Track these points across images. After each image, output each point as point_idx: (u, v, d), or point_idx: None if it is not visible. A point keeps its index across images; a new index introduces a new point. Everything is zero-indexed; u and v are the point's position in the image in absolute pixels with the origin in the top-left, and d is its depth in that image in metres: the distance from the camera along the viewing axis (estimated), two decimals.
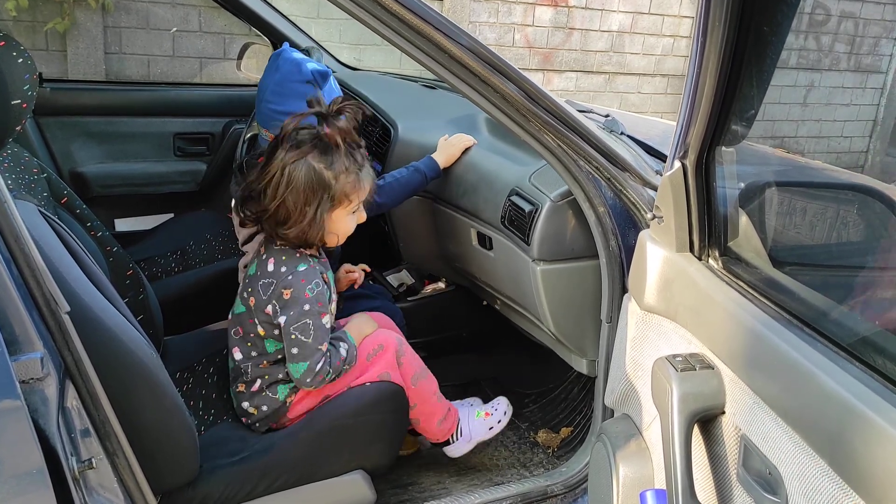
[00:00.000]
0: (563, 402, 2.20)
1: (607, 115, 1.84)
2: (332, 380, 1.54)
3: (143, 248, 2.37)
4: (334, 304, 1.64)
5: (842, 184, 1.74)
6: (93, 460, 0.94)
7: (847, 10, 5.73)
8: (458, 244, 2.08)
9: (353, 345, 1.59)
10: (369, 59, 4.51)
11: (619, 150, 1.52)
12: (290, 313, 1.49)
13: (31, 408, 0.86)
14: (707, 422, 1.18)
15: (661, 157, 1.67)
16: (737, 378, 1.10)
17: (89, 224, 1.76)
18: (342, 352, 1.55)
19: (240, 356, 1.59)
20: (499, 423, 1.84)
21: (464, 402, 1.93)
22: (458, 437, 1.80)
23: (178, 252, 2.36)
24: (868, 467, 0.84)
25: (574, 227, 1.67)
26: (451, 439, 1.79)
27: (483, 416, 1.83)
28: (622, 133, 1.75)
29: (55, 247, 1.21)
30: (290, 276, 1.50)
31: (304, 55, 1.93)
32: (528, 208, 1.69)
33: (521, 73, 1.41)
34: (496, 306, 2.20)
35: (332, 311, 1.62)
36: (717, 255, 1.27)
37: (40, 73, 2.24)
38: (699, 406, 1.13)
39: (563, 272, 1.70)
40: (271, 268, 1.53)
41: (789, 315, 1.07)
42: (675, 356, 1.18)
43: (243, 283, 1.61)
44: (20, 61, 1.26)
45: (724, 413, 1.14)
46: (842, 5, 5.65)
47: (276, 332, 1.54)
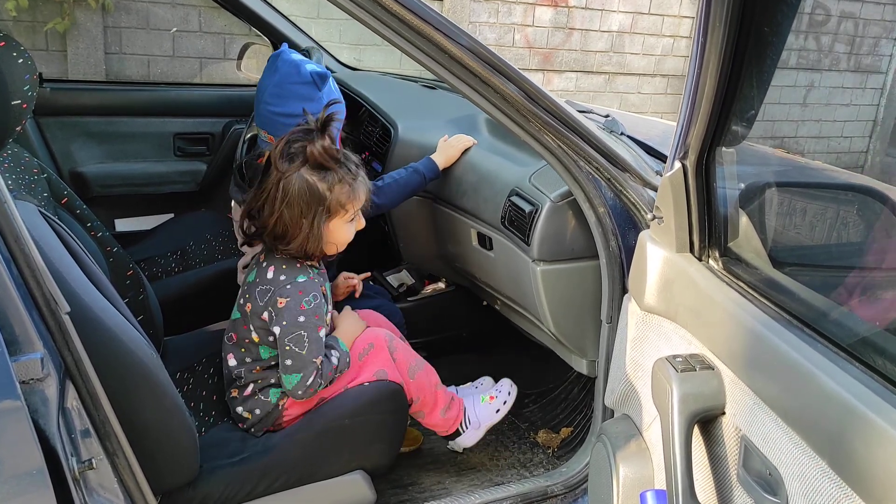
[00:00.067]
0: (563, 403, 2.20)
1: (607, 116, 1.84)
2: (323, 388, 1.54)
3: (143, 248, 2.37)
4: (331, 315, 1.64)
5: (842, 184, 1.74)
6: (93, 460, 0.94)
7: (847, 10, 5.73)
8: (458, 244, 2.08)
9: (344, 352, 1.59)
10: (369, 59, 4.50)
11: (619, 151, 1.53)
12: (284, 324, 1.49)
13: (32, 408, 0.86)
14: (707, 422, 1.18)
15: (661, 157, 1.67)
16: (737, 379, 1.10)
17: (89, 224, 1.76)
18: (333, 360, 1.55)
19: (234, 362, 1.59)
20: (504, 404, 1.83)
21: (469, 386, 1.92)
22: (466, 426, 1.79)
23: (178, 252, 2.36)
24: (868, 468, 0.84)
25: (574, 228, 1.67)
26: (461, 429, 1.79)
27: (488, 400, 1.82)
28: (622, 133, 1.76)
29: (55, 247, 1.21)
30: (288, 285, 1.50)
31: (304, 56, 1.93)
32: (528, 208, 1.69)
33: (521, 73, 1.41)
34: (496, 307, 2.20)
35: (329, 323, 1.62)
36: (717, 255, 1.27)
37: (40, 74, 2.24)
38: (699, 407, 1.13)
39: (563, 272, 1.70)
40: (270, 275, 1.53)
41: (789, 316, 1.07)
42: (675, 357, 1.18)
43: (241, 290, 1.60)
44: (20, 61, 1.25)
45: (724, 414, 1.14)
46: (842, 5, 5.65)
47: (271, 338, 1.53)
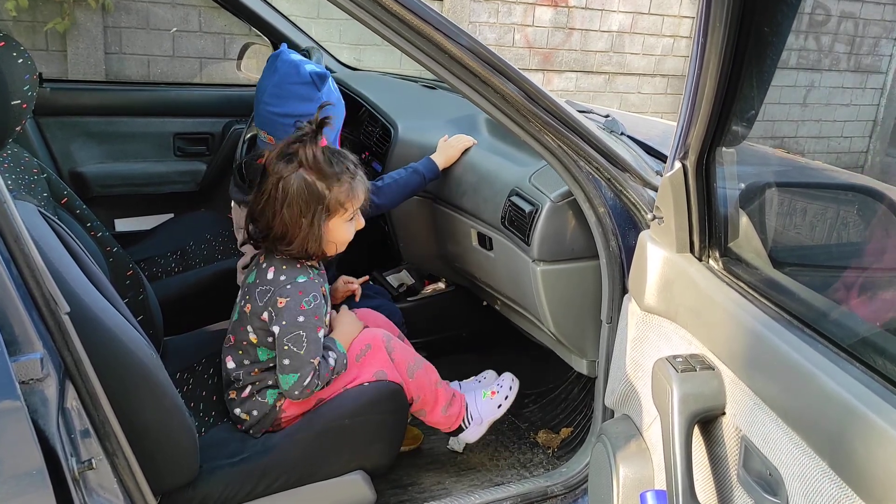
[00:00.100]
0: (563, 403, 2.20)
1: (607, 116, 1.84)
2: (320, 389, 1.53)
3: (142, 248, 2.37)
4: (329, 316, 1.64)
5: (842, 184, 1.74)
6: (92, 461, 0.93)
7: (847, 10, 5.73)
8: (458, 244, 2.08)
9: (341, 353, 1.58)
10: (369, 59, 4.50)
11: (619, 151, 1.52)
12: (284, 324, 1.48)
13: (31, 408, 0.86)
14: (707, 423, 1.18)
15: (661, 157, 1.67)
16: (737, 379, 1.10)
17: (89, 224, 1.76)
18: (331, 361, 1.54)
19: (232, 364, 1.59)
20: (506, 399, 1.83)
21: (472, 380, 1.91)
22: (469, 422, 1.79)
23: (177, 252, 2.36)
24: (868, 468, 0.84)
25: (574, 228, 1.67)
26: (464, 425, 1.78)
27: (489, 395, 1.82)
28: (622, 133, 1.75)
29: (55, 247, 1.21)
30: (288, 285, 1.50)
31: (304, 56, 1.93)
32: (528, 209, 1.69)
33: (521, 73, 1.41)
34: (496, 307, 2.20)
35: (328, 324, 1.62)
36: (717, 255, 1.27)
37: (40, 74, 2.23)
38: (699, 407, 1.13)
39: (563, 272, 1.70)
40: (271, 276, 1.53)
41: (790, 316, 1.07)
42: (675, 357, 1.18)
43: (242, 290, 1.60)
44: (20, 61, 1.25)
45: (724, 414, 1.14)
46: (842, 5, 5.65)
47: (270, 339, 1.53)
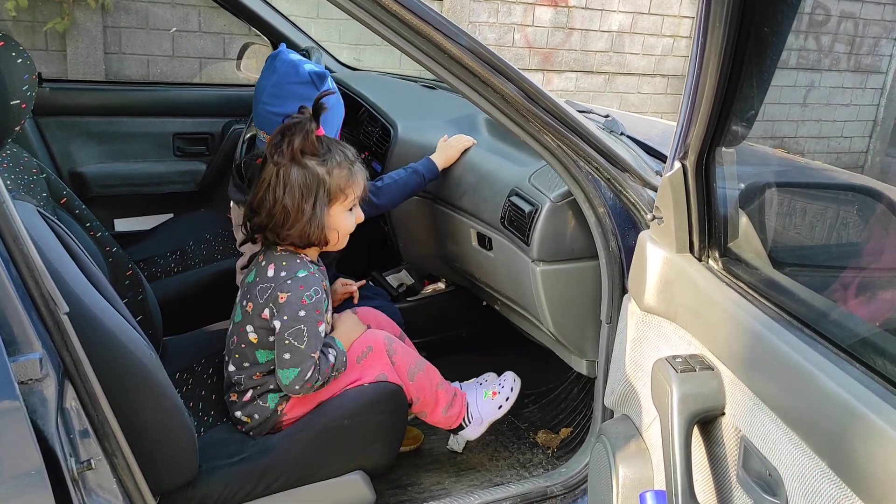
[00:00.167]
0: (562, 403, 2.20)
1: (607, 116, 1.84)
2: (320, 387, 1.52)
3: (142, 248, 2.37)
4: (330, 313, 1.63)
5: (842, 184, 1.74)
6: (92, 461, 0.93)
7: (847, 10, 5.73)
8: (457, 244, 2.08)
9: (341, 351, 1.57)
10: (369, 59, 4.50)
11: (618, 151, 1.52)
12: (285, 318, 1.48)
13: (30, 409, 0.86)
14: (707, 423, 1.18)
15: (661, 157, 1.67)
16: (737, 379, 1.10)
17: (88, 224, 1.76)
18: (331, 358, 1.53)
19: (233, 367, 1.58)
20: (507, 400, 1.83)
21: (473, 381, 1.91)
22: (469, 421, 1.79)
23: (177, 252, 2.36)
24: (868, 469, 0.84)
25: (574, 228, 1.67)
26: (464, 423, 1.78)
27: (491, 395, 1.82)
28: (622, 133, 1.75)
29: (54, 247, 1.20)
30: (288, 280, 1.50)
31: (304, 56, 1.93)
32: (527, 209, 1.69)
33: (521, 73, 1.40)
34: (496, 307, 2.20)
35: (329, 321, 1.62)
36: (717, 255, 1.27)
37: (39, 73, 2.24)
38: (699, 407, 1.13)
39: (562, 273, 1.70)
40: (271, 273, 1.52)
41: (789, 316, 1.07)
42: (674, 357, 1.18)
43: (242, 291, 1.60)
44: (19, 61, 1.25)
45: (724, 414, 1.14)
46: (842, 5, 5.65)
47: (270, 339, 1.52)
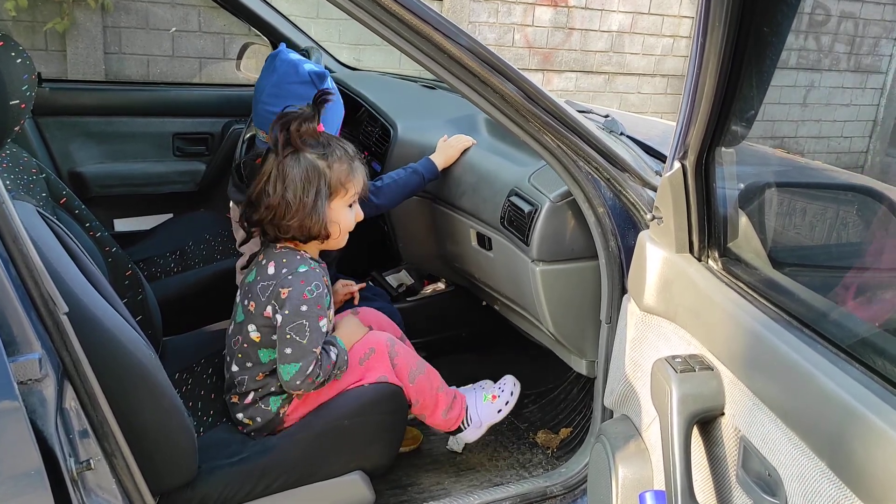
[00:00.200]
0: (562, 403, 2.20)
1: (607, 116, 1.84)
2: (322, 384, 1.51)
3: (142, 248, 2.37)
4: (332, 310, 1.63)
5: (841, 184, 1.74)
6: (91, 461, 0.93)
7: (847, 10, 5.73)
8: (457, 244, 2.08)
9: (343, 349, 1.57)
10: (369, 59, 4.50)
11: (618, 151, 1.52)
12: (286, 312, 1.48)
13: (30, 409, 0.86)
14: (706, 423, 1.18)
15: (660, 157, 1.67)
16: (736, 379, 1.10)
17: (88, 224, 1.76)
18: (332, 356, 1.52)
19: (235, 367, 1.58)
20: (507, 404, 1.83)
21: (472, 386, 1.91)
22: (468, 424, 1.78)
23: (177, 252, 2.35)
24: (868, 469, 0.84)
25: (573, 228, 1.67)
26: (462, 426, 1.78)
27: (490, 399, 1.82)
28: (622, 133, 1.75)
29: (53, 247, 1.20)
30: (290, 276, 1.50)
31: (303, 56, 1.93)
32: (527, 209, 1.69)
33: (521, 73, 1.40)
34: (496, 307, 2.20)
35: (331, 318, 1.61)
36: (716, 255, 1.27)
37: (39, 73, 2.24)
38: (698, 407, 1.13)
39: (562, 273, 1.69)
40: (272, 271, 1.52)
41: (789, 316, 1.07)
42: (674, 357, 1.18)
43: (243, 291, 1.59)
44: (19, 61, 1.25)
45: (723, 414, 1.14)
46: (842, 5, 5.65)
47: (273, 337, 1.52)
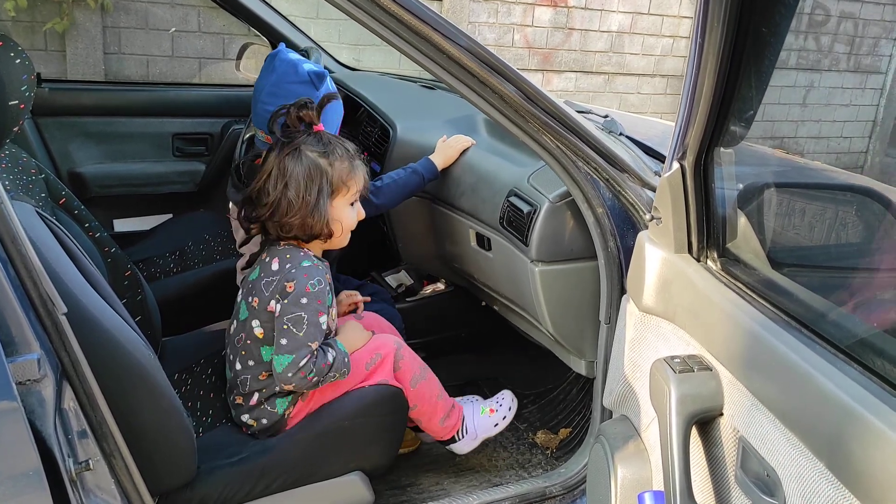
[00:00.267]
0: (561, 403, 2.20)
1: (606, 116, 1.84)
2: (316, 384, 1.49)
3: (141, 248, 2.37)
4: (335, 309, 1.63)
5: (841, 185, 1.74)
6: (90, 461, 0.93)
7: (847, 10, 5.72)
8: (456, 245, 2.08)
9: (342, 352, 1.54)
10: (368, 59, 4.50)
11: (617, 151, 1.52)
12: (286, 302, 1.48)
13: (28, 409, 0.86)
14: (705, 424, 1.18)
15: (660, 157, 1.66)
16: (735, 380, 1.10)
17: (87, 225, 1.76)
18: (329, 357, 1.49)
19: (238, 367, 1.57)
20: (504, 419, 1.83)
21: (465, 398, 1.92)
22: (463, 435, 1.78)
23: (176, 253, 2.35)
24: (866, 470, 0.84)
25: (572, 228, 1.67)
26: (457, 436, 1.78)
27: (488, 412, 1.82)
28: (621, 134, 1.75)
29: (52, 247, 1.20)
30: (293, 270, 1.50)
31: (303, 56, 1.93)
32: (526, 209, 1.69)
33: (520, 73, 1.40)
34: (495, 307, 2.20)
35: (333, 316, 1.61)
36: (715, 256, 1.27)
37: (38, 74, 2.24)
38: (697, 408, 1.13)
39: (561, 273, 1.69)
40: (275, 267, 1.52)
41: (788, 317, 1.07)
42: (673, 358, 1.18)
43: (246, 289, 1.59)
44: (18, 62, 1.25)
45: (722, 415, 1.14)
46: (842, 5, 5.64)
47: (275, 334, 1.51)
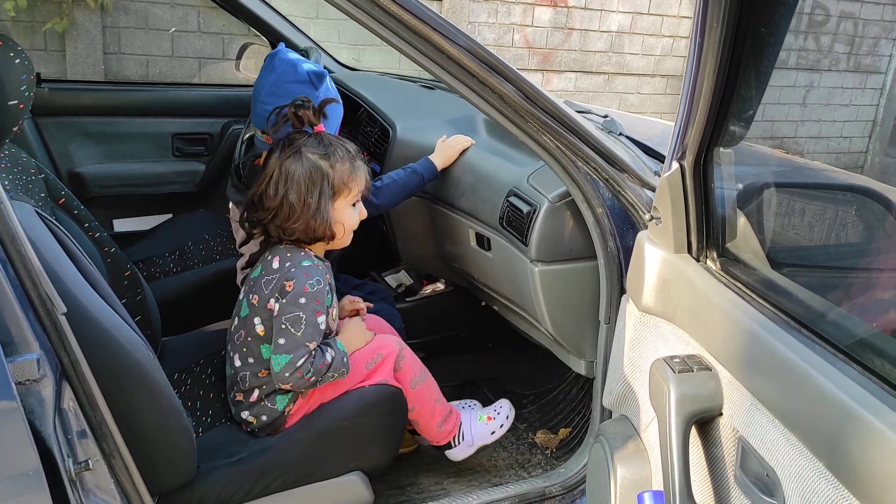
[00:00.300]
0: (561, 403, 2.20)
1: (606, 116, 1.84)
2: (314, 383, 1.49)
3: (141, 248, 2.37)
4: (335, 309, 1.63)
5: (840, 185, 1.74)
6: (89, 461, 0.93)
7: (847, 10, 5.73)
8: (456, 245, 2.08)
9: (341, 352, 1.53)
10: (368, 59, 4.50)
11: (617, 151, 1.52)
12: (284, 302, 1.48)
13: (28, 409, 0.86)
14: (705, 423, 1.18)
15: (659, 157, 1.66)
16: (734, 380, 1.10)
17: (87, 225, 1.76)
18: (327, 357, 1.49)
19: (238, 363, 1.57)
20: (501, 427, 1.83)
21: (463, 402, 1.92)
22: (459, 441, 1.79)
23: (176, 252, 2.36)
24: (865, 470, 0.84)
25: (572, 228, 1.67)
26: (453, 442, 1.79)
27: (486, 419, 1.83)
28: (620, 134, 1.75)
29: (52, 248, 1.20)
30: (293, 269, 1.50)
31: (303, 56, 1.93)
32: (526, 209, 1.69)
33: (519, 73, 1.40)
34: (495, 307, 2.20)
35: (334, 317, 1.61)
36: (715, 256, 1.27)
37: (38, 74, 2.24)
38: (697, 408, 1.13)
39: (561, 273, 1.70)
40: (276, 265, 1.53)
41: (787, 317, 1.07)
42: (672, 357, 1.18)
43: (247, 287, 1.59)
44: (17, 62, 1.25)
45: (721, 415, 1.14)
46: (841, 5, 5.65)
47: None
